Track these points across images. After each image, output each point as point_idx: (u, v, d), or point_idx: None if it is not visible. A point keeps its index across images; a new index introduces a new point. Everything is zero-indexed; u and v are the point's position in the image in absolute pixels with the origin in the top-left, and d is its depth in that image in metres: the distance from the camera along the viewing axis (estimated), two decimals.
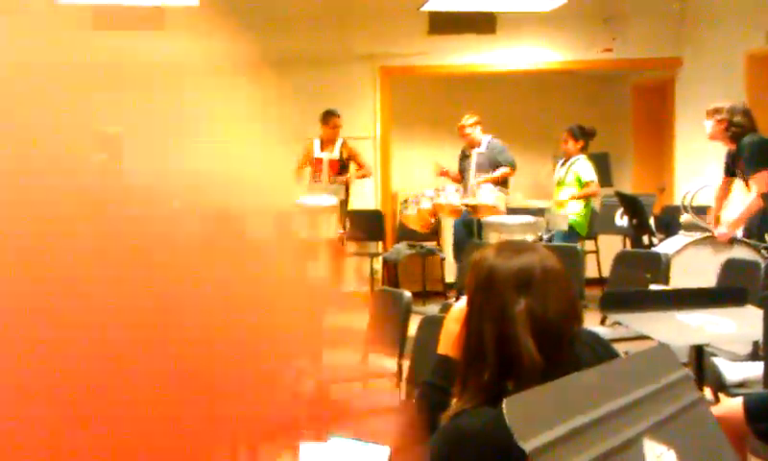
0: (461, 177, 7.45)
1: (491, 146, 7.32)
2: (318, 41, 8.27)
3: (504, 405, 1.11)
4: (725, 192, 5.44)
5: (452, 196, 6.71)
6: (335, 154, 7.52)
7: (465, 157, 7.47)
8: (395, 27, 8.34)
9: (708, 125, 5.26)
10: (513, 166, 7.34)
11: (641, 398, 1.27)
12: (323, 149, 7.53)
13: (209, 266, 0.70)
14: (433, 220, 7.06)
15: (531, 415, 1.11)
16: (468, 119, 7.34)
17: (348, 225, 7.16)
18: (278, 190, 0.85)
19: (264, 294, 0.74)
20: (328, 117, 7.46)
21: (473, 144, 7.32)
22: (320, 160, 7.51)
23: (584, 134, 7.21)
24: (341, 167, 7.55)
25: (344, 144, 7.56)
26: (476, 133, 7.32)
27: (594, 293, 4.73)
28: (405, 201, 7.47)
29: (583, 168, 7.07)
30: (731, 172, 5.30)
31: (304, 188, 7.33)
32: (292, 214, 0.89)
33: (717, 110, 5.22)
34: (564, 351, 1.55)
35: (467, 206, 6.68)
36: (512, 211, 6.65)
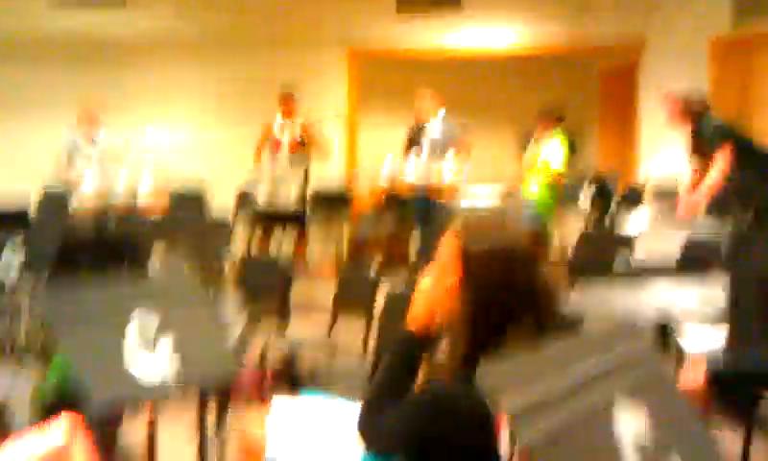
0: (409, 148, 7.19)
1: (445, 128, 7.12)
2: (287, 23, 8.21)
3: (478, 373, 1.13)
4: (697, 182, 5.42)
5: (409, 175, 6.72)
6: (294, 134, 7.47)
7: (419, 129, 7.20)
8: (363, 7, 8.30)
9: (666, 109, 5.37)
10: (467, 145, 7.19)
11: (609, 368, 1.30)
12: (282, 130, 7.48)
13: None
14: (384, 197, 7.03)
15: (504, 382, 1.13)
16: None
17: (310, 205, 7.12)
18: None
19: None
20: (283, 98, 7.43)
21: (427, 114, 7.16)
22: (279, 141, 7.46)
23: (552, 117, 7.22)
24: (300, 148, 7.49)
25: (303, 126, 7.50)
26: (429, 101, 7.18)
27: (558, 273, 4.77)
28: (355, 178, 7.39)
29: (552, 153, 7.07)
30: (696, 153, 5.35)
31: (265, 169, 7.27)
32: None
33: (674, 95, 5.34)
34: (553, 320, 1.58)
35: (425, 186, 6.66)
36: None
